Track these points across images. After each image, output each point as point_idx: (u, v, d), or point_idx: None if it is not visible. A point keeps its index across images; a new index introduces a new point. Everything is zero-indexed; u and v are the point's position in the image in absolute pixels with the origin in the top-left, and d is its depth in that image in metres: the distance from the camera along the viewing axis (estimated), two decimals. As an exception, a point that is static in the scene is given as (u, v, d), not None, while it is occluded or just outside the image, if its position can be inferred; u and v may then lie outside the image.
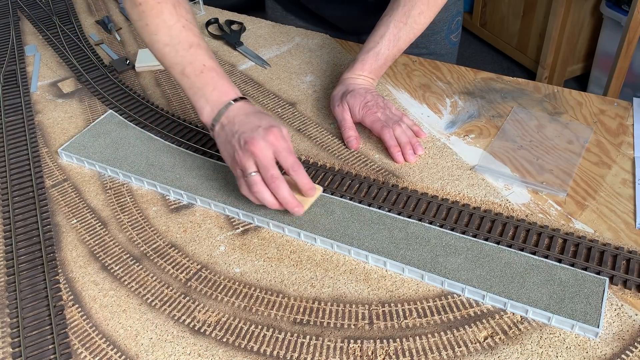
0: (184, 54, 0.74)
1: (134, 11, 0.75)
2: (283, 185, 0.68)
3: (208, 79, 0.74)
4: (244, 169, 0.68)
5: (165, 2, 0.74)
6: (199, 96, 0.74)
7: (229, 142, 0.70)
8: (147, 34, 0.75)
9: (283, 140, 0.69)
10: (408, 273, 0.67)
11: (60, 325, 0.64)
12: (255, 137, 0.68)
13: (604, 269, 0.65)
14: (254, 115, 0.71)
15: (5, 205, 0.80)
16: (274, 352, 0.60)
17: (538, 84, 0.96)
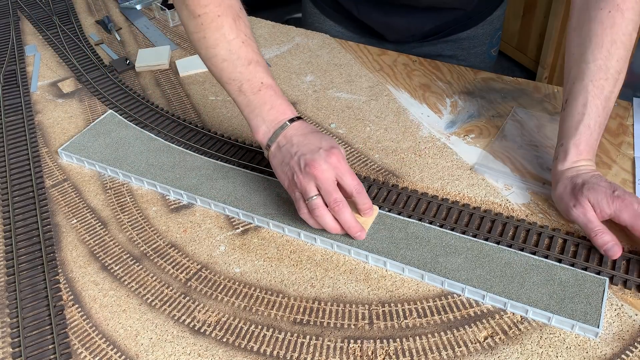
0: (242, 70, 0.71)
1: (191, 23, 0.72)
2: (346, 209, 0.66)
3: (266, 97, 0.71)
4: (305, 192, 0.66)
5: (226, 16, 0.71)
6: (255, 114, 0.71)
7: (286, 163, 0.68)
8: (204, 47, 0.72)
9: (345, 162, 0.67)
10: (408, 273, 0.67)
11: (60, 325, 0.64)
12: (316, 159, 0.65)
13: (604, 269, 0.65)
14: (313, 135, 0.69)
15: (5, 205, 0.80)
16: (274, 352, 0.60)
17: (538, 84, 0.96)
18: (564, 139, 0.73)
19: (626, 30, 0.70)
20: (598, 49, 0.70)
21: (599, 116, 0.71)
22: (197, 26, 0.71)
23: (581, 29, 0.72)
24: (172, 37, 1.18)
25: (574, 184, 0.69)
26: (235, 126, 0.92)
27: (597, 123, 0.71)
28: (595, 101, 0.71)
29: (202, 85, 1.02)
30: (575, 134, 0.71)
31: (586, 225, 0.67)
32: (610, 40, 0.70)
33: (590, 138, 0.71)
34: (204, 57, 0.73)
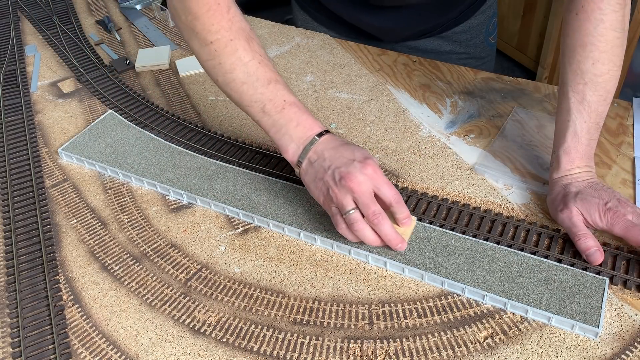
0: (263, 91, 0.69)
1: (203, 50, 0.70)
2: (386, 221, 0.63)
3: (291, 115, 0.69)
4: (342, 206, 0.64)
5: (239, 39, 0.69)
6: (282, 133, 0.69)
7: (320, 178, 0.66)
8: (221, 73, 0.70)
9: (381, 172, 0.64)
10: (408, 273, 0.67)
11: (60, 325, 0.64)
12: (352, 171, 0.63)
13: (604, 269, 0.65)
14: (344, 147, 0.67)
15: (5, 205, 0.80)
16: (274, 352, 0.60)
17: (538, 84, 0.96)
18: (555, 146, 0.74)
19: (596, 32, 0.68)
20: (571, 53, 0.70)
21: (585, 122, 0.70)
22: (210, 53, 0.70)
23: (562, 34, 0.73)
24: (172, 37, 1.18)
25: (567, 192, 0.70)
26: (235, 126, 0.92)
27: (584, 129, 0.70)
28: (578, 107, 0.70)
29: (202, 85, 1.02)
30: (564, 142, 0.72)
31: (570, 229, 0.68)
32: (580, 44, 0.69)
33: (579, 145, 0.71)
34: (222, 83, 0.71)
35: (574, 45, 0.70)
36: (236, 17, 0.69)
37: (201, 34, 0.69)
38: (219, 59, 0.69)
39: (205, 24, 0.68)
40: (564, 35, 0.71)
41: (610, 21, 0.68)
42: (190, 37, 0.71)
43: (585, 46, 0.69)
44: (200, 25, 0.69)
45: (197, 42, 0.70)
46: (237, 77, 0.69)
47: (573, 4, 0.69)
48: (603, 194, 0.68)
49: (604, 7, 0.67)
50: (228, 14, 0.69)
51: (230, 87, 0.71)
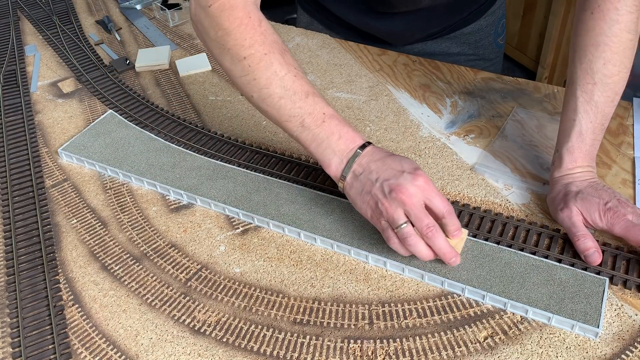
0: (302, 105, 0.67)
1: (237, 67, 0.67)
2: (440, 235, 0.61)
3: (332, 128, 0.66)
4: (393, 220, 0.61)
5: (273, 52, 0.67)
6: (324, 147, 0.67)
7: (367, 191, 0.64)
8: (257, 88, 0.67)
9: (432, 183, 0.62)
10: (408, 273, 0.67)
11: (60, 325, 0.64)
12: (402, 183, 0.61)
13: (604, 269, 0.65)
14: (391, 158, 0.64)
15: (5, 205, 0.80)
16: (274, 352, 0.60)
17: (538, 84, 0.96)
18: (559, 145, 0.73)
19: (610, 32, 0.67)
20: (582, 52, 0.70)
21: (591, 122, 0.70)
22: (244, 69, 0.67)
23: (573, 32, 0.72)
24: (172, 37, 1.18)
25: (568, 191, 0.70)
26: (235, 126, 0.92)
27: (589, 129, 0.70)
28: (585, 106, 0.70)
29: (202, 85, 1.02)
30: (568, 140, 0.71)
31: (570, 229, 0.68)
32: (593, 43, 0.68)
33: (582, 145, 0.71)
34: (257, 99, 0.68)
35: (586, 44, 0.69)
36: (268, 30, 0.68)
37: (233, 49, 0.67)
38: (254, 75, 0.67)
39: (237, 39, 0.66)
40: (576, 33, 0.70)
41: (625, 22, 0.67)
42: (221, 54, 0.68)
43: (598, 46, 0.68)
44: (233, 41, 0.67)
45: (229, 59, 0.68)
46: (274, 92, 0.67)
47: (588, 3, 0.68)
48: (603, 194, 0.68)
49: (620, 8, 0.67)
50: (260, 27, 0.67)
51: (267, 103, 0.68)
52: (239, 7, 0.67)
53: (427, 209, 0.62)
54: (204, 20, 0.68)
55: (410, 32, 1.04)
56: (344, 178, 0.66)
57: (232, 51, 0.67)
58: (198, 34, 0.72)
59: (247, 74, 0.67)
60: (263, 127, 0.91)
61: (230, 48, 0.67)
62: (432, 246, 0.62)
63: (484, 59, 1.10)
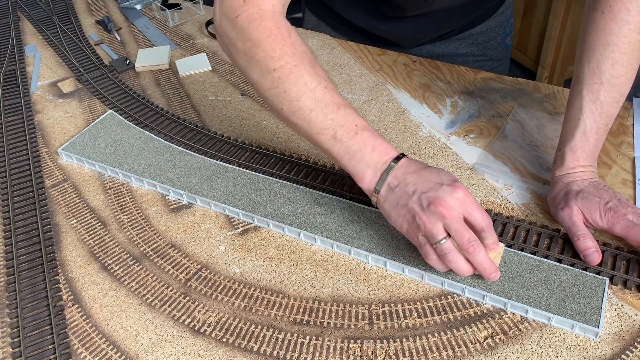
0: (334, 117, 0.64)
1: (266, 79, 0.65)
2: (481, 249, 0.59)
3: (365, 140, 0.64)
4: (432, 235, 0.59)
5: (303, 64, 0.65)
6: (357, 160, 0.64)
7: (403, 205, 0.61)
8: (287, 101, 0.65)
9: (472, 196, 0.60)
10: (408, 273, 0.67)
11: (60, 325, 0.64)
12: (441, 195, 0.59)
13: (604, 269, 0.65)
14: (428, 170, 0.63)
15: (5, 205, 0.80)
16: (274, 352, 0.60)
17: (538, 84, 0.96)
18: (562, 144, 0.73)
19: (620, 33, 0.67)
20: (591, 51, 0.69)
21: (595, 121, 0.70)
22: (274, 81, 0.65)
23: (582, 31, 0.72)
24: (172, 37, 1.18)
25: (569, 189, 0.70)
26: (235, 126, 0.92)
27: (593, 129, 0.70)
28: (590, 106, 0.70)
29: (202, 85, 1.02)
30: (571, 140, 0.71)
31: (570, 228, 0.67)
32: (603, 43, 0.68)
33: (586, 144, 0.70)
34: (287, 112, 0.66)
35: (595, 43, 0.69)
36: (298, 41, 0.66)
37: (263, 61, 0.65)
38: (284, 87, 0.65)
39: (267, 50, 0.64)
40: (585, 33, 0.70)
41: (636, 23, 0.67)
42: (249, 66, 0.66)
43: (607, 46, 0.68)
44: (262, 52, 0.65)
45: (257, 71, 0.66)
46: (305, 104, 0.65)
47: (599, 2, 0.68)
48: (604, 193, 0.68)
49: (631, 9, 0.66)
50: (290, 38, 0.65)
51: (297, 116, 0.66)
52: (268, 17, 0.65)
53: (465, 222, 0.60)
54: (230, 32, 0.66)
55: (422, 34, 1.03)
56: (378, 191, 0.64)
57: (261, 63, 0.65)
58: (223, 45, 0.69)
59: (276, 86, 0.65)
60: (263, 127, 0.91)
61: (259, 60, 0.65)
62: (472, 261, 0.60)
63: (492, 60, 1.09)
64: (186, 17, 1.25)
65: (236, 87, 1.02)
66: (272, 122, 0.92)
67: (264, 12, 0.65)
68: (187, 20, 1.24)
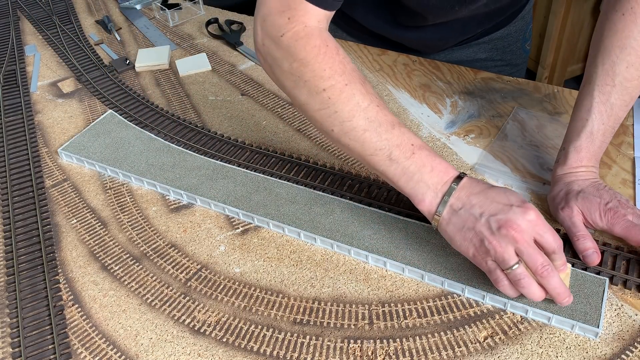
0: (389, 137, 0.62)
1: (315, 100, 0.63)
2: (555, 274, 0.57)
3: (423, 159, 0.62)
4: (503, 260, 0.57)
5: (354, 82, 0.62)
6: (415, 181, 0.62)
7: (470, 228, 0.59)
8: (338, 122, 0.63)
9: (543, 217, 0.58)
10: (408, 273, 0.67)
11: (60, 325, 0.64)
12: (512, 218, 0.56)
13: (604, 269, 0.65)
14: (494, 191, 0.60)
15: (5, 205, 0.80)
16: (274, 352, 0.60)
17: (538, 84, 0.96)
18: (566, 142, 0.72)
19: (639, 36, 0.66)
20: (607, 53, 0.68)
21: (603, 123, 0.69)
22: (323, 102, 0.62)
23: (598, 30, 0.70)
24: (172, 37, 1.18)
25: (570, 189, 0.69)
26: (235, 126, 0.92)
27: (600, 130, 0.69)
28: (600, 107, 0.69)
29: (202, 85, 1.02)
30: (577, 139, 0.70)
31: (570, 229, 0.67)
32: (620, 45, 0.67)
33: (591, 145, 0.70)
34: (338, 133, 0.63)
35: (612, 45, 0.68)
36: (346, 58, 0.64)
37: (312, 81, 0.62)
38: (335, 107, 0.62)
39: (316, 70, 0.62)
40: (603, 34, 0.69)
41: None
42: (297, 87, 0.64)
43: (624, 48, 0.67)
44: (311, 72, 0.62)
45: (305, 91, 0.63)
46: (358, 124, 0.62)
47: (620, 4, 0.67)
48: (604, 194, 0.68)
49: None
50: (338, 55, 0.63)
51: (350, 137, 0.63)
52: (315, 34, 0.63)
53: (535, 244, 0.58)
54: (275, 52, 0.64)
55: (443, 41, 1.02)
56: (440, 214, 0.61)
57: (310, 83, 0.62)
58: (266, 66, 0.67)
59: (327, 107, 0.63)
60: (263, 127, 0.91)
61: (307, 80, 0.63)
62: (546, 286, 0.57)
63: (510, 65, 1.07)
64: (186, 17, 1.25)
65: (236, 87, 1.02)
66: (272, 122, 0.92)
67: (310, 29, 0.63)
68: (187, 20, 1.24)
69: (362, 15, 1.02)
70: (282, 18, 0.63)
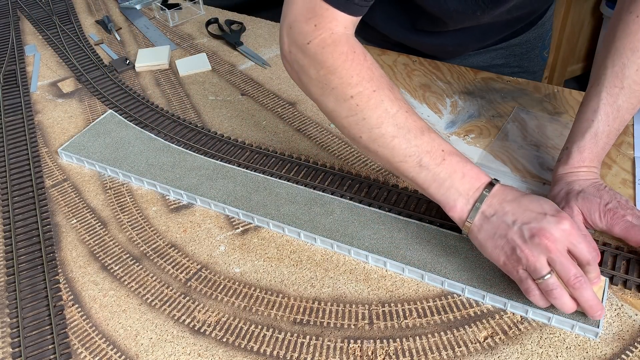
0: (418, 143, 0.61)
1: (342, 107, 0.62)
2: (588, 286, 0.56)
3: (454, 166, 0.61)
4: (535, 269, 0.56)
5: (382, 89, 0.62)
6: (446, 188, 0.61)
7: (502, 236, 0.58)
8: (366, 129, 0.62)
9: (577, 227, 0.57)
10: (408, 273, 0.67)
11: (60, 325, 0.64)
12: (546, 227, 0.55)
13: (604, 269, 0.65)
14: (528, 199, 0.59)
15: (5, 205, 0.80)
16: (274, 352, 0.60)
17: (538, 84, 0.96)
18: (570, 142, 0.72)
19: None
20: (617, 54, 0.68)
21: (608, 125, 0.69)
22: (351, 109, 0.62)
23: (610, 32, 0.70)
24: (172, 37, 1.18)
25: (571, 189, 0.69)
26: (235, 126, 0.92)
27: (605, 132, 0.69)
28: (607, 109, 0.68)
29: (202, 85, 1.02)
30: (581, 139, 0.70)
31: None
32: (632, 48, 0.66)
33: (595, 146, 0.69)
34: (367, 140, 0.63)
35: (623, 47, 0.67)
36: (374, 64, 0.63)
37: (339, 88, 0.62)
38: (363, 114, 0.62)
39: (343, 76, 0.61)
40: (615, 35, 0.69)
41: None
42: (324, 94, 0.63)
43: (635, 51, 0.66)
44: (338, 79, 0.62)
45: (333, 99, 0.63)
46: (387, 131, 0.61)
47: (635, 5, 0.67)
48: (605, 194, 0.67)
49: None
50: (366, 62, 0.63)
51: (379, 144, 0.63)
52: (342, 41, 0.62)
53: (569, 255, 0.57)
54: (301, 60, 0.63)
55: (463, 47, 1.01)
56: (471, 220, 0.60)
57: (338, 90, 0.62)
58: (292, 74, 0.67)
59: (355, 114, 0.62)
60: (263, 127, 0.91)
61: (335, 87, 0.62)
62: (578, 298, 0.56)
63: (527, 72, 1.06)
64: (186, 17, 1.25)
65: (236, 87, 1.02)
66: (272, 122, 0.92)
67: (337, 36, 0.62)
68: (187, 20, 1.24)
69: (381, 22, 1.00)
70: (308, 25, 0.62)
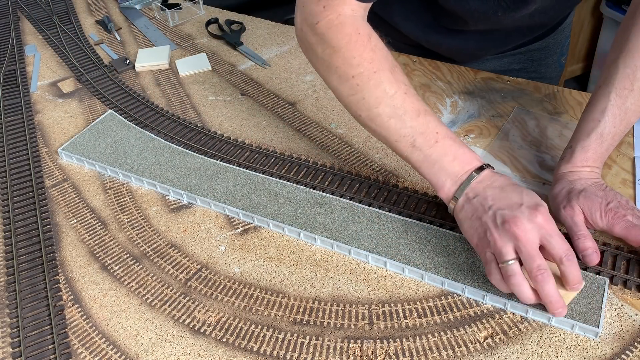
0: (413, 124, 0.64)
1: (344, 86, 0.66)
2: (550, 280, 0.56)
3: (445, 148, 0.63)
4: (500, 254, 0.57)
5: (383, 70, 0.64)
6: (436, 169, 0.64)
7: (478, 217, 0.60)
8: (365, 108, 0.65)
9: (553, 223, 0.58)
10: (408, 273, 0.67)
11: (60, 325, 0.64)
12: (518, 216, 0.57)
13: (604, 269, 0.65)
14: (511, 188, 0.61)
15: (5, 205, 0.80)
16: (274, 352, 0.60)
17: (538, 84, 0.96)
18: (574, 141, 0.72)
19: None
20: (630, 56, 0.68)
21: (615, 126, 0.69)
22: (352, 88, 0.65)
23: (624, 32, 0.70)
24: (172, 37, 1.18)
25: (572, 188, 0.69)
26: (235, 126, 0.92)
27: (610, 133, 0.69)
28: (614, 110, 0.68)
29: (202, 85, 1.02)
30: (586, 139, 0.70)
31: (571, 228, 0.67)
32: None
33: (599, 147, 0.69)
34: (366, 118, 0.66)
35: (636, 49, 0.67)
36: (378, 45, 0.65)
37: (342, 68, 0.65)
38: (362, 94, 0.65)
39: (346, 57, 0.64)
40: (628, 36, 0.68)
41: None
42: (328, 73, 0.67)
43: None
44: (341, 59, 0.65)
45: (336, 78, 0.66)
46: (383, 111, 0.64)
47: None
48: (606, 194, 0.67)
49: None
50: (369, 43, 0.65)
51: (376, 123, 0.66)
52: (348, 23, 0.64)
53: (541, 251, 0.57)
54: (310, 38, 0.66)
55: (484, 50, 1.00)
56: (456, 199, 0.63)
57: (340, 70, 0.65)
58: (304, 50, 0.71)
59: (355, 93, 0.65)
60: (263, 127, 0.91)
61: (338, 67, 0.65)
62: (539, 291, 0.57)
63: (544, 78, 1.05)
64: (186, 17, 1.25)
65: (236, 87, 1.02)
66: (272, 122, 0.92)
67: (343, 17, 0.65)
68: (187, 20, 1.24)
69: (400, 19, 1.00)
70: (318, 6, 0.65)
